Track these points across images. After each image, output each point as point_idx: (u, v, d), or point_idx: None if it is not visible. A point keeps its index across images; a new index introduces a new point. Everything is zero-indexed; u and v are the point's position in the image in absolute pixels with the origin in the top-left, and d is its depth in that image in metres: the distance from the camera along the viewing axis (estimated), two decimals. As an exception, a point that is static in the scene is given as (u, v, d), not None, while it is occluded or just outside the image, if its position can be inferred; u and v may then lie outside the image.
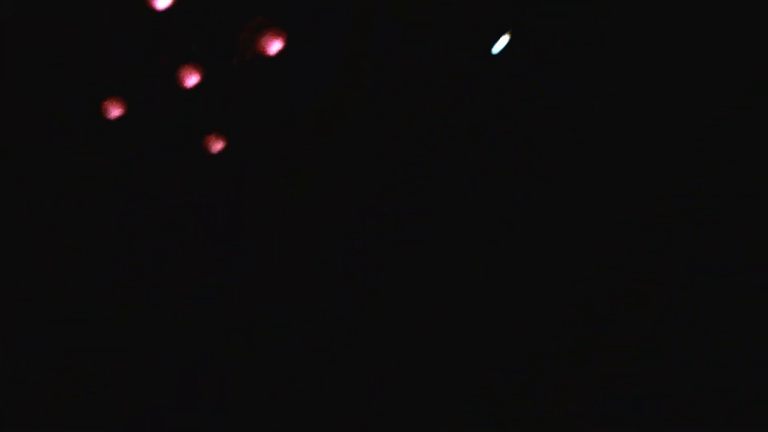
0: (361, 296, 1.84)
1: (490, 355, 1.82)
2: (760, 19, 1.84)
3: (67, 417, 1.73)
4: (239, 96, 1.91)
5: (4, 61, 1.85)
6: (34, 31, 1.86)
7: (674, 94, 1.88)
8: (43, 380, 1.74)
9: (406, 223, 1.88)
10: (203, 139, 1.87)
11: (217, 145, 1.73)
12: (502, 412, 1.79)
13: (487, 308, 1.84)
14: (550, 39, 1.89)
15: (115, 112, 1.72)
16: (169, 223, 1.85)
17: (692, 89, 1.88)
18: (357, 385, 1.79)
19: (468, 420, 1.79)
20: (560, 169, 1.89)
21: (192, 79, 1.79)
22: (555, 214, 1.88)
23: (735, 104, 1.86)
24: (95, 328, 1.79)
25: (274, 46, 1.67)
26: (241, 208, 1.87)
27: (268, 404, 1.78)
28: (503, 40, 1.55)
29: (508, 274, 1.86)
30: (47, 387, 1.74)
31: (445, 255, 1.86)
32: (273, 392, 1.78)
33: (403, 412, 1.79)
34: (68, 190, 1.84)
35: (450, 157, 1.90)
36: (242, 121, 1.91)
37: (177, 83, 1.88)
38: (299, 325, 1.82)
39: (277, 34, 1.62)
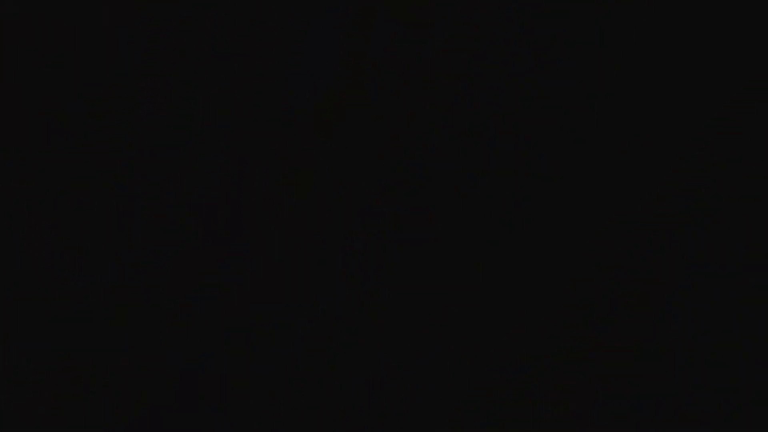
0: (361, 296, 1.84)
1: (490, 355, 1.82)
2: (760, 20, 1.84)
3: (67, 417, 1.73)
4: (239, 96, 1.91)
5: (4, 61, 1.85)
6: (34, 31, 1.86)
7: (674, 95, 1.88)
8: (43, 380, 1.74)
9: (406, 223, 1.88)
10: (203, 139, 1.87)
11: None
12: (503, 412, 1.79)
13: (487, 308, 1.84)
14: (550, 39, 1.88)
15: None
16: (169, 223, 1.85)
17: (692, 89, 1.87)
18: (357, 385, 1.79)
19: (468, 420, 1.79)
20: (560, 169, 1.89)
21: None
22: (555, 214, 1.88)
23: (735, 104, 1.86)
24: (95, 328, 1.79)
25: None
26: (241, 208, 1.87)
27: (268, 404, 1.77)
28: None
29: (508, 274, 1.85)
30: (47, 387, 1.74)
31: (445, 255, 1.86)
32: (273, 392, 1.78)
33: (403, 412, 1.79)
34: (68, 190, 1.84)
35: (450, 157, 1.89)
36: (242, 121, 1.91)
37: (177, 83, 1.88)
38: (299, 325, 1.82)
39: None
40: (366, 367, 1.81)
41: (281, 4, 1.89)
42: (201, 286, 1.83)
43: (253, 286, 1.84)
